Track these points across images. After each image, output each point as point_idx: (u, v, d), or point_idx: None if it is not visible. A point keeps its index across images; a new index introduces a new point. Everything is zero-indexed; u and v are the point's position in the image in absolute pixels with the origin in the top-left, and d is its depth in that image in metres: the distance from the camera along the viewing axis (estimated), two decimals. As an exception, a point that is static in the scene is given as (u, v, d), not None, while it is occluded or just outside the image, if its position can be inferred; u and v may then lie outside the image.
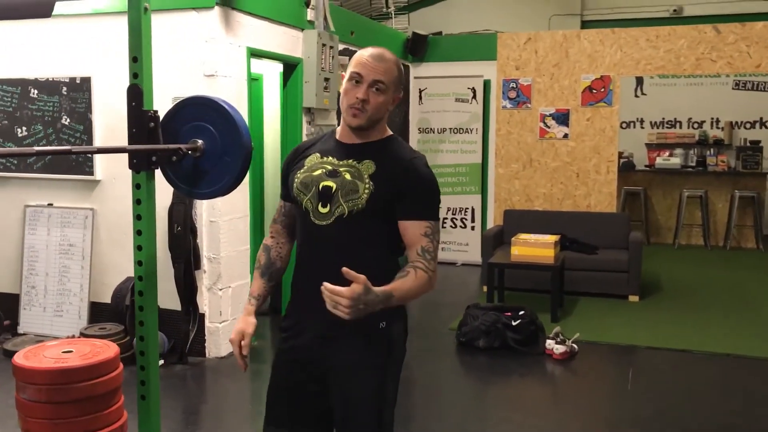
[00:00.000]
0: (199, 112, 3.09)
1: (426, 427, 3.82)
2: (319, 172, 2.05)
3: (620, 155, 9.62)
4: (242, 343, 2.10)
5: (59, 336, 4.90)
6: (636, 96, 9.93)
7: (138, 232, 3.09)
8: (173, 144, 3.06)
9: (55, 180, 5.11)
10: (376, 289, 1.81)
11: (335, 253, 1.99)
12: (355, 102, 1.98)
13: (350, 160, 2.05)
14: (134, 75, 3.03)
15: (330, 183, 2.01)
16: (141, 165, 3.05)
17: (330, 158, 2.07)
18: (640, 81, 9.78)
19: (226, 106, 3.04)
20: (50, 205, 5.13)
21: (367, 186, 1.98)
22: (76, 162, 5.01)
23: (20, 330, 5.10)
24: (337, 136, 2.13)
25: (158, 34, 4.65)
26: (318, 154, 2.11)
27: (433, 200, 2.04)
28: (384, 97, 2.00)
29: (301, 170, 2.10)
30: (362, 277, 1.77)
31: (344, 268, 1.79)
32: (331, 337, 2.01)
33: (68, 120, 5.01)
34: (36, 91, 5.08)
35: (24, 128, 5.13)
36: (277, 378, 2.16)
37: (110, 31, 4.80)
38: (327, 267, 1.93)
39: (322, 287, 1.78)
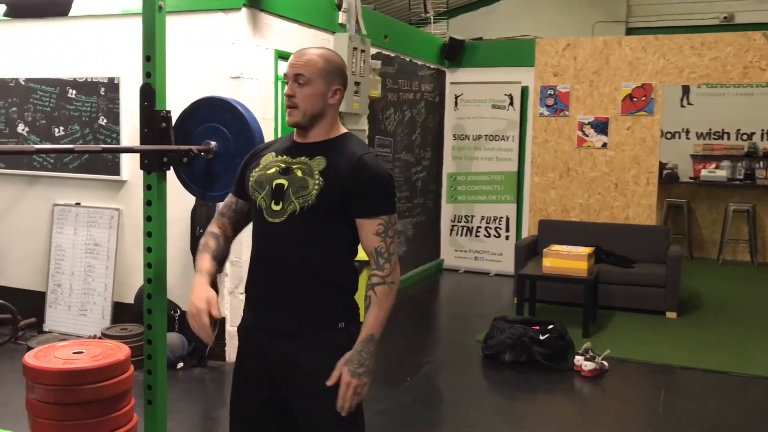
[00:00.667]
0: (214, 114, 3.04)
1: (443, 443, 3.69)
2: (273, 170, 2.07)
3: (663, 166, 9.35)
4: (212, 312, 2.00)
5: (82, 335, 4.91)
6: (682, 106, 9.61)
7: (148, 234, 3.05)
8: (187, 145, 3.03)
9: (84, 180, 5.14)
10: (355, 349, 1.95)
11: (289, 250, 2.00)
12: (286, 100, 2.05)
13: (302, 158, 2.06)
14: (147, 74, 2.99)
15: (282, 180, 2.03)
16: (152, 165, 3.01)
17: (284, 157, 2.09)
18: (686, 90, 9.47)
19: (240, 108, 2.98)
20: (78, 204, 5.16)
21: (317, 182, 1.99)
22: (111, 162, 5.01)
23: (45, 328, 5.13)
24: (294, 137, 2.14)
25: (184, 35, 4.66)
26: (273, 153, 2.13)
27: (384, 194, 2.03)
28: (310, 89, 2.02)
29: (256, 169, 2.11)
30: (336, 371, 1.94)
31: (328, 382, 1.94)
32: (289, 336, 2.01)
33: (105, 120, 5.03)
34: (74, 92, 5.11)
35: (61, 128, 5.17)
36: (239, 385, 2.16)
37: (137, 31, 4.80)
38: (281, 264, 2.01)
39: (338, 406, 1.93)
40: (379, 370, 4.90)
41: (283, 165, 2.06)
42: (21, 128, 5.28)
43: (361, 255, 2.10)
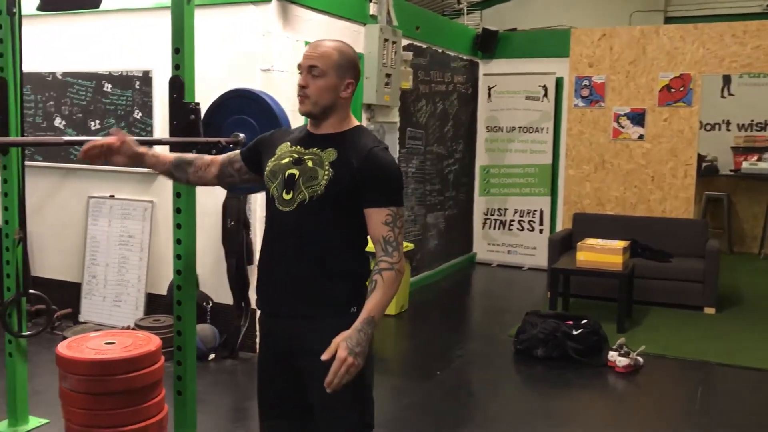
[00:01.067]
0: (242, 106, 3.04)
1: (472, 438, 3.66)
2: (286, 160, 2.12)
3: (702, 159, 9.13)
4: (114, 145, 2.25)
5: (117, 326, 4.98)
6: (722, 96, 9.37)
7: (177, 226, 3.07)
8: (216, 137, 3.03)
9: (118, 172, 5.20)
10: (355, 327, 1.92)
11: (297, 238, 2.04)
12: (298, 89, 2.08)
13: (315, 149, 2.10)
14: (176, 66, 3.00)
15: (294, 170, 2.07)
16: (181, 158, 3.02)
17: (298, 147, 2.13)
18: (727, 80, 9.22)
19: (267, 99, 2.98)
20: (112, 196, 5.23)
21: (326, 173, 2.03)
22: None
23: (81, 318, 5.22)
24: (308, 127, 2.18)
25: (214, 27, 4.68)
26: (288, 143, 2.18)
27: (393, 186, 2.06)
28: (323, 81, 2.05)
29: (272, 158, 2.16)
30: (332, 345, 1.89)
31: (323, 357, 1.87)
32: (300, 317, 2.06)
33: (140, 114, 5.08)
34: (110, 86, 5.17)
35: (97, 121, 5.24)
36: (261, 372, 2.22)
37: (169, 24, 4.83)
38: (291, 251, 2.06)
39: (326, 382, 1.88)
40: (410, 363, 4.88)
41: (296, 155, 2.10)
42: (58, 122, 5.37)
43: (370, 246, 2.12)
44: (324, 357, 1.88)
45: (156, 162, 2.39)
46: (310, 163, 2.06)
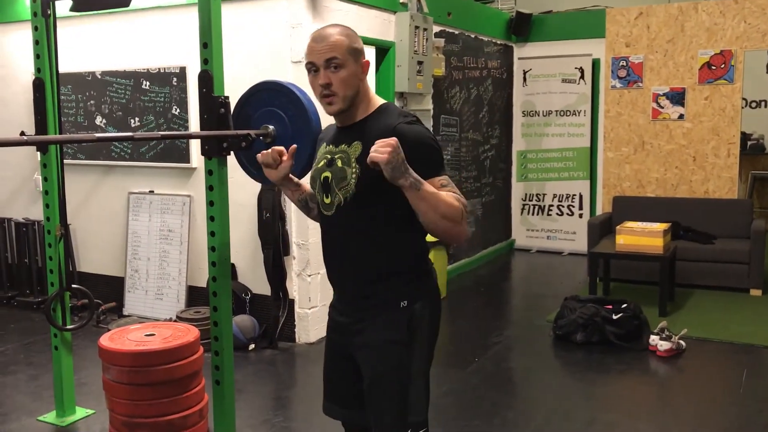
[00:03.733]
0: (271, 98, 3.05)
1: (509, 423, 3.64)
2: (321, 163, 2.09)
3: (748, 137, 8.90)
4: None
5: (159, 318, 5.08)
6: (768, 72, 9.11)
7: (211, 218, 3.12)
8: (246, 129, 3.06)
9: (156, 168, 5.30)
10: (411, 172, 1.82)
11: (345, 240, 2.02)
12: (321, 90, 1.97)
13: (342, 145, 2.03)
14: (204, 61, 3.04)
15: (327, 173, 2.04)
16: (212, 151, 3.07)
17: (330, 147, 2.08)
18: (772, 56, 8.95)
19: (297, 92, 2.98)
20: (151, 192, 5.33)
21: (354, 171, 1.97)
22: (184, 151, 5.14)
23: (125, 312, 5.34)
24: (336, 123, 2.11)
25: (244, 21, 4.72)
26: (324, 144, 2.13)
27: (434, 158, 1.94)
28: (345, 72, 1.95)
29: (314, 164, 2.15)
30: (388, 143, 1.80)
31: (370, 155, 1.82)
32: (358, 310, 2.06)
33: (178, 110, 5.15)
34: (148, 83, 5.25)
35: (137, 119, 5.34)
36: (326, 356, 2.24)
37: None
38: (341, 254, 2.06)
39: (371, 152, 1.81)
40: (447, 350, 4.88)
41: (329, 156, 2.05)
42: (99, 120, 5.48)
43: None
44: (371, 154, 1.81)
45: (296, 190, 2.32)
46: (339, 163, 2.00)
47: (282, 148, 2.21)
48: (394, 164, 1.78)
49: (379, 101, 2.06)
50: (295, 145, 2.24)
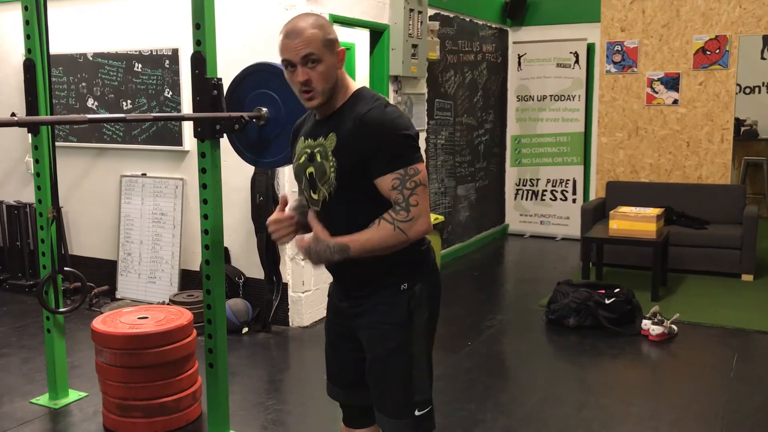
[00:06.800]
0: (264, 80, 3.03)
1: (502, 406, 3.66)
2: (302, 159, 2.05)
3: (741, 123, 8.91)
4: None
5: (152, 302, 5.07)
6: (762, 58, 9.11)
7: (204, 201, 3.10)
8: (239, 112, 3.04)
9: (149, 150, 5.26)
10: (331, 240, 1.91)
11: (337, 233, 1.97)
12: (301, 87, 1.93)
13: (320, 138, 2.00)
14: (197, 42, 3.01)
15: (311, 168, 2.02)
16: (205, 133, 3.05)
17: (309, 140, 2.05)
18: (766, 41, 8.95)
19: (289, 73, 2.97)
20: (144, 175, 5.30)
21: (331, 164, 1.95)
22: (176, 134, 5.10)
23: (118, 295, 5.33)
24: (315, 115, 2.08)
25: (239, 1, 4.67)
26: (302, 138, 2.10)
27: (398, 145, 1.89)
28: (323, 66, 1.90)
29: (294, 159, 2.12)
30: (305, 239, 1.95)
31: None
32: (358, 297, 2.06)
33: (170, 93, 5.11)
34: (140, 65, 5.21)
35: (129, 101, 5.29)
36: (326, 337, 2.26)
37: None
38: None
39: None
40: (440, 334, 4.87)
41: (308, 151, 2.02)
42: (90, 103, 5.44)
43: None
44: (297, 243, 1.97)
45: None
46: (318, 158, 1.97)
47: (288, 213, 2.10)
48: (313, 258, 1.95)
49: (354, 86, 2.02)
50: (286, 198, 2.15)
